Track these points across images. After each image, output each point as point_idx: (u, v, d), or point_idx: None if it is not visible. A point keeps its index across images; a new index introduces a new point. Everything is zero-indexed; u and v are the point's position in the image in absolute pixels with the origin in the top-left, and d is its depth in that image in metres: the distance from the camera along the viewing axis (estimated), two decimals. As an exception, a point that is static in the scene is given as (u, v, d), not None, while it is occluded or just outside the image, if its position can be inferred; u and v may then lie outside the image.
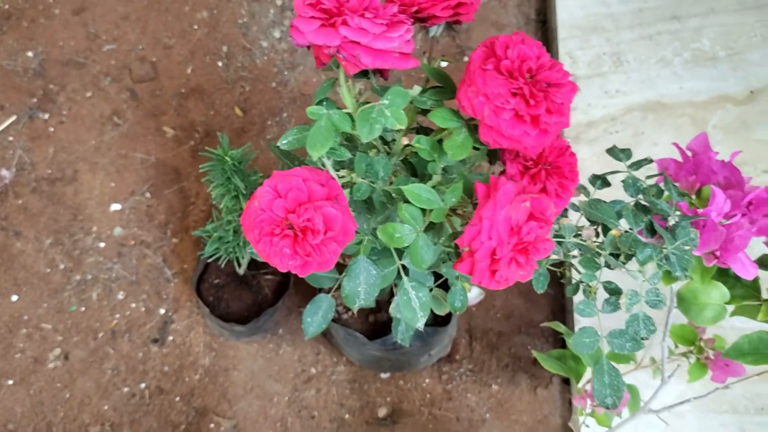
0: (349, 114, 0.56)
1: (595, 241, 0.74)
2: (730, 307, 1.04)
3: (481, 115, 0.52)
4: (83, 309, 1.44)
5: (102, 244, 1.49)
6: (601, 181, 0.83)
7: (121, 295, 1.46)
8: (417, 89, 0.59)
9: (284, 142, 0.58)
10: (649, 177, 0.84)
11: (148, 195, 1.54)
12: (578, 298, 0.82)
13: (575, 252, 0.69)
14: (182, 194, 1.54)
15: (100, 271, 1.47)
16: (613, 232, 0.72)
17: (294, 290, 1.42)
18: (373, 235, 0.66)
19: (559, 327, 1.17)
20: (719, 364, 1.06)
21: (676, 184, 0.86)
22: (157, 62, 1.62)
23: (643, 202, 0.80)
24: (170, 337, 1.44)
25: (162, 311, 1.45)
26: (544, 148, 0.60)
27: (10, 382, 1.39)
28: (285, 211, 0.51)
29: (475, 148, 0.57)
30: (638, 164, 0.84)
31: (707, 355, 1.08)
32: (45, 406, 1.38)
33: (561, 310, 1.46)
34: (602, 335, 0.78)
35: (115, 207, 1.52)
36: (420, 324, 0.81)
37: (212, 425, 1.37)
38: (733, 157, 0.91)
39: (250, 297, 1.33)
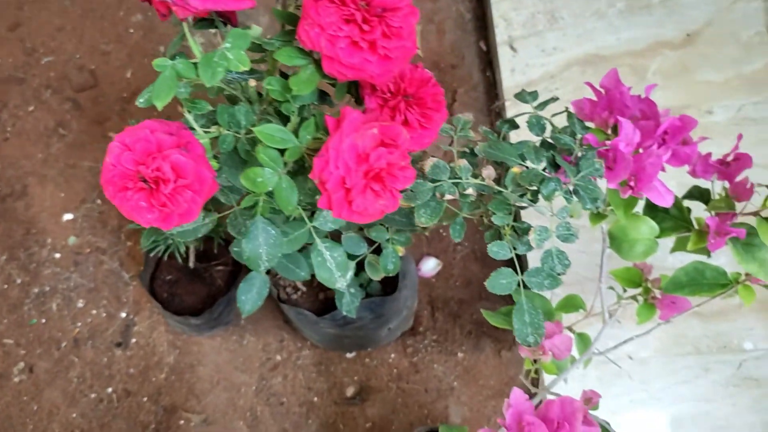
0: (196, 63, 0.56)
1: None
2: (667, 244, 1.04)
3: (319, 46, 0.52)
4: (44, 321, 1.44)
5: (57, 255, 1.49)
6: (509, 124, 0.83)
7: (81, 303, 1.46)
8: (257, 29, 0.59)
9: (141, 100, 0.57)
10: (554, 115, 0.84)
11: (99, 201, 1.53)
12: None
13: (470, 191, 0.69)
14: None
15: (58, 281, 1.47)
16: (514, 169, 0.72)
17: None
18: (268, 195, 0.66)
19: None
20: (666, 302, 1.06)
21: (584, 121, 0.86)
22: (96, 69, 1.62)
23: (550, 140, 0.80)
24: (133, 340, 1.43)
25: (123, 315, 1.45)
26: (404, 80, 0.60)
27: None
28: (135, 164, 0.51)
29: (331, 85, 0.56)
30: (544, 104, 0.83)
31: (654, 294, 1.08)
32: (13, 420, 1.37)
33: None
34: (520, 276, 0.78)
35: (68, 216, 1.52)
36: (339, 284, 0.81)
37: (182, 422, 1.37)
38: (648, 92, 0.91)
39: (203, 290, 1.32)
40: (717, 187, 0.95)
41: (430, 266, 1.47)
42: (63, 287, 1.47)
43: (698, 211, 0.95)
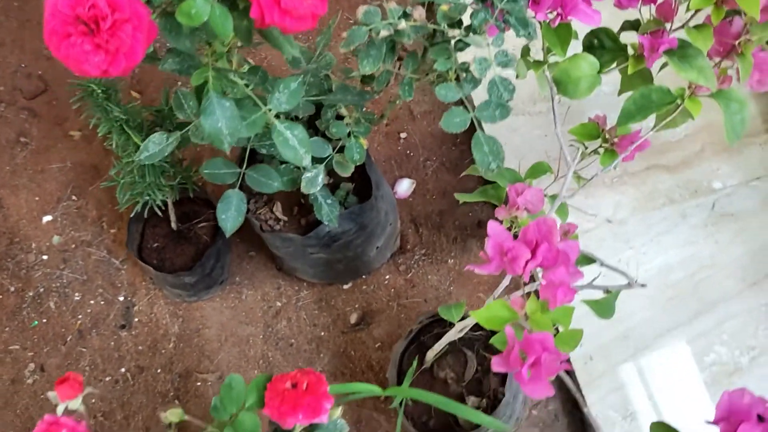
0: None
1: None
2: (612, 82, 1.09)
3: None
4: (45, 320, 1.46)
5: (45, 257, 1.51)
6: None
7: (77, 297, 1.48)
8: None
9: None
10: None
11: (74, 198, 1.56)
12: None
13: (402, 25, 0.73)
14: (106, 187, 1.56)
15: (51, 281, 1.49)
16: (443, 7, 0.76)
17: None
18: (215, 70, 0.70)
19: (477, 170, 1.21)
20: (624, 143, 1.10)
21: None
22: (44, 74, 1.64)
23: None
24: (136, 319, 1.46)
25: (121, 298, 1.47)
26: None
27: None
28: (71, 8, 0.54)
29: None
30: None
31: (613, 141, 1.12)
32: (35, 419, 1.39)
33: (490, 172, 1.50)
34: (472, 113, 0.82)
35: (47, 218, 1.54)
36: (306, 162, 0.84)
37: (199, 383, 1.40)
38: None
39: (191, 249, 1.35)
40: (645, 14, 0.99)
41: (404, 187, 1.52)
42: (57, 285, 1.49)
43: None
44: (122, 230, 1.52)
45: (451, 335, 1.05)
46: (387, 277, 1.46)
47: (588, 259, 1.00)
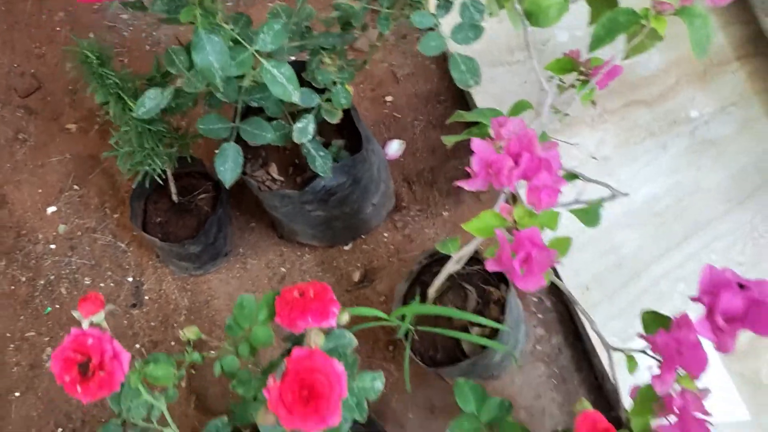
0: None
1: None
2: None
3: None
4: (58, 306, 1.51)
5: (53, 246, 1.56)
6: None
7: (87, 281, 1.52)
8: None
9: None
10: None
11: (76, 187, 1.60)
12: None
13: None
14: (106, 174, 1.61)
15: (60, 268, 1.54)
16: (411, -63, 0.81)
17: (235, 202, 1.50)
18: (202, 8, 0.74)
19: (462, 116, 1.26)
20: (598, 72, 1.15)
21: None
22: (36, 72, 1.69)
23: None
24: (146, 297, 1.50)
25: (129, 279, 1.52)
26: None
27: (17, 394, 1.44)
28: None
29: None
30: None
31: (587, 72, 1.17)
32: (56, 401, 1.43)
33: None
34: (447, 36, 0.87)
35: (51, 209, 1.59)
36: (295, 98, 0.89)
37: (212, 352, 1.43)
38: None
39: (193, 221, 1.39)
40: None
41: (394, 148, 1.56)
42: (66, 272, 1.53)
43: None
44: (125, 214, 1.56)
45: (450, 267, 1.10)
46: (385, 234, 1.50)
47: (571, 175, 1.04)
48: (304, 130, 1.06)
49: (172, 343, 1.45)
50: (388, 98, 1.61)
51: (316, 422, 0.61)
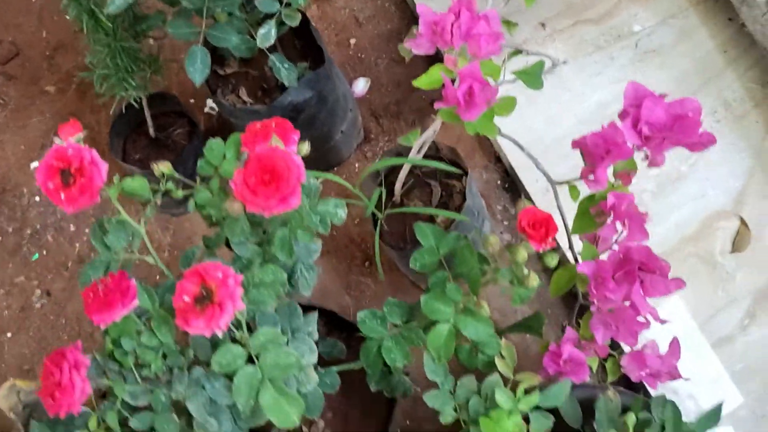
0: None
1: None
2: None
3: None
4: (45, 252, 1.56)
5: (38, 198, 1.62)
6: None
7: (73, 228, 1.58)
8: None
9: None
10: None
11: (57, 141, 1.66)
12: None
13: None
14: (85, 128, 1.67)
15: (46, 217, 1.59)
16: None
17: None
18: None
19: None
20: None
21: None
22: (14, 40, 1.76)
23: None
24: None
25: (113, 224, 1.58)
26: None
27: (9, 334, 1.49)
28: None
29: None
30: None
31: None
32: (48, 338, 1.48)
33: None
34: None
35: (34, 164, 1.65)
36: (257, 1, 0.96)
37: (196, 282, 1.49)
38: None
39: (171, 155, 1.46)
40: None
41: (360, 86, 1.64)
42: (52, 221, 1.59)
43: None
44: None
45: (412, 156, 1.17)
46: (356, 165, 1.57)
47: (516, 51, 1.12)
48: (267, 35, 1.14)
49: (157, 277, 1.51)
50: (352, 41, 1.69)
51: (279, 201, 0.67)
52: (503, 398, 0.77)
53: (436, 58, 1.61)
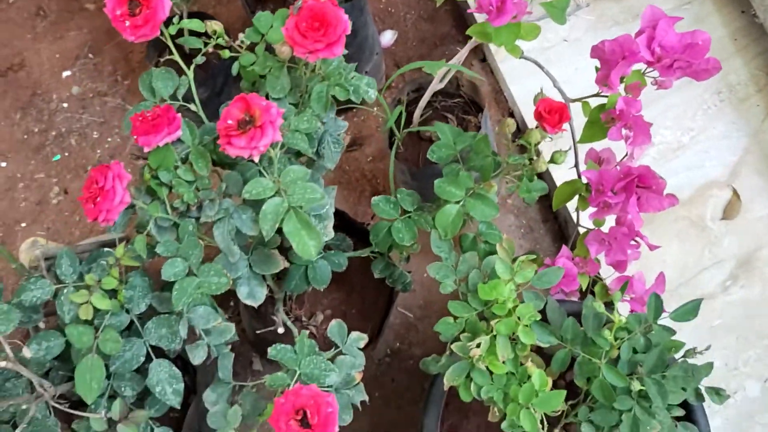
0: None
1: None
2: None
3: None
4: (67, 154, 1.62)
5: (65, 105, 1.68)
6: None
7: (96, 135, 1.64)
8: None
9: None
10: None
11: (91, 56, 1.73)
12: None
13: None
14: (120, 47, 1.74)
15: (71, 123, 1.66)
16: None
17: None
18: None
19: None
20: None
21: None
22: (60, -43, 1.84)
23: None
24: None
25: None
26: None
27: (24, 224, 1.55)
28: None
29: None
30: None
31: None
32: (60, 232, 1.54)
33: (462, 19, 1.71)
34: None
35: (66, 73, 1.71)
36: None
37: (209, 198, 1.56)
38: None
39: (202, 72, 1.53)
40: None
41: (387, 37, 1.72)
42: (77, 127, 1.65)
43: None
44: (135, 81, 1.69)
45: (434, 86, 1.24)
46: (374, 108, 1.65)
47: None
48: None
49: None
50: (384, -5, 1.78)
51: (325, 47, 0.74)
52: (502, 268, 0.84)
53: (462, 18, 1.69)
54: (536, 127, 0.84)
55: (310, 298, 1.20)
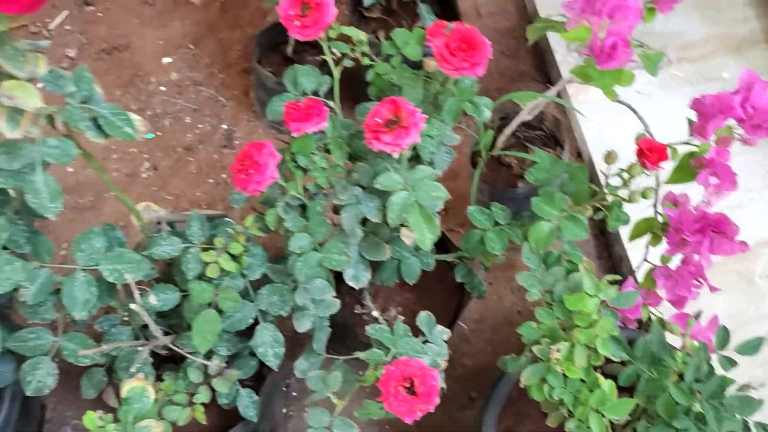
0: None
1: None
2: None
3: None
4: (160, 134, 1.74)
5: (163, 88, 1.80)
6: None
7: (188, 120, 1.76)
8: None
9: None
10: None
11: (191, 46, 1.86)
12: None
13: None
14: (219, 42, 1.87)
15: (167, 105, 1.77)
16: None
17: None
18: None
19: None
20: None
21: None
22: (173, -47, 1.97)
23: None
24: (236, 141, 1.74)
25: (225, 126, 1.76)
26: None
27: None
28: None
29: None
30: None
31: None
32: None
33: (541, 59, 1.82)
34: None
35: (167, 60, 1.84)
36: None
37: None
38: None
39: (300, 75, 1.65)
40: None
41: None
42: (172, 110, 1.77)
43: None
44: (230, 76, 1.82)
45: (522, 115, 1.35)
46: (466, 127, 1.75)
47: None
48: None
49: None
50: (470, 28, 1.89)
51: (469, 66, 0.85)
52: (589, 284, 0.93)
53: (542, 59, 1.78)
54: (636, 163, 0.94)
55: (384, 294, 1.30)
